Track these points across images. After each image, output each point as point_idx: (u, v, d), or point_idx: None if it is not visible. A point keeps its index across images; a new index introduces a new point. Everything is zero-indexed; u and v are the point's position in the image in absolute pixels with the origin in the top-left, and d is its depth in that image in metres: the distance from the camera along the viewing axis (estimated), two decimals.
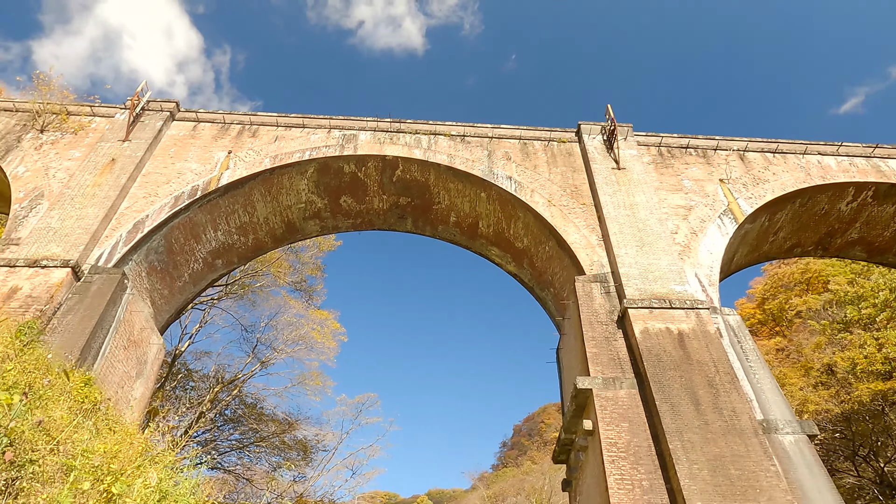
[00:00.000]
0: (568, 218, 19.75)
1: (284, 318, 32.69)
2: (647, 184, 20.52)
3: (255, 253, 23.82)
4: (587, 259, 18.51)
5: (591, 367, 15.35)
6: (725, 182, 21.20)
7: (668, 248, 18.30)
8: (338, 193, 23.10)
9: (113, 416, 11.32)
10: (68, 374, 10.56)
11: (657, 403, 13.88)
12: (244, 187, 21.17)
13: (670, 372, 14.62)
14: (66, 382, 10.13)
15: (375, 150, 21.95)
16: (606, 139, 22.28)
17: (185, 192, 20.01)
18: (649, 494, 12.72)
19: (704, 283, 17.81)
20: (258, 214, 22.35)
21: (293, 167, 21.59)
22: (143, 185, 20.34)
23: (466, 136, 22.60)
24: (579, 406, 15.32)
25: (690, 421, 13.56)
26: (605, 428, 13.89)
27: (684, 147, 22.66)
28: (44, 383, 8.56)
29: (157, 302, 19.99)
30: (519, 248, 21.95)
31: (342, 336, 36.15)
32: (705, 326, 15.91)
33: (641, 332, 15.66)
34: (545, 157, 22.10)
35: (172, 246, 20.03)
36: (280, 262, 31.17)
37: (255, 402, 33.75)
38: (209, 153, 21.63)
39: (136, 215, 19.18)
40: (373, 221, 24.53)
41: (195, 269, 21.41)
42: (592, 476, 14.43)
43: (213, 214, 20.88)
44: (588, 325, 16.42)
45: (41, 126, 22.22)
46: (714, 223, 19.68)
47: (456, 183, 21.99)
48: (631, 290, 16.91)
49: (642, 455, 13.47)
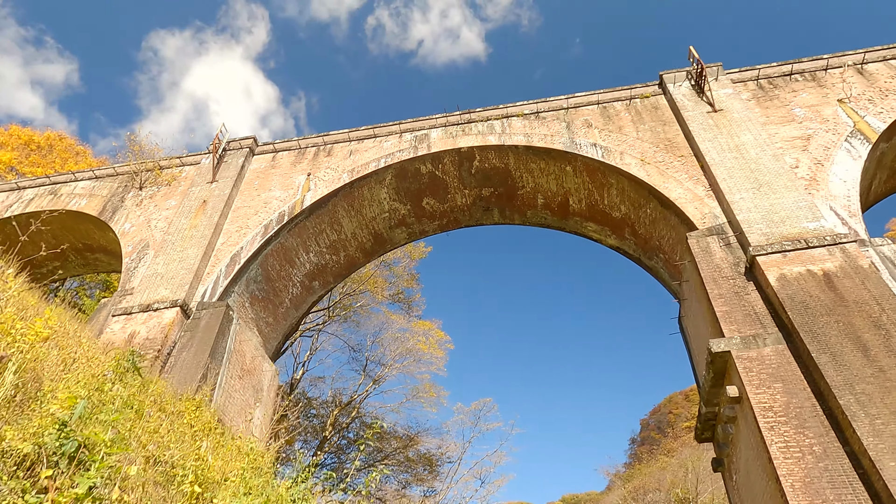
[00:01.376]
0: (666, 174, 17.98)
1: (389, 334, 32.76)
2: (752, 121, 18.30)
3: (349, 270, 23.85)
4: (697, 213, 16.65)
5: (724, 326, 13.55)
6: (845, 101, 18.49)
7: (791, 183, 16.06)
8: (419, 196, 22.66)
9: (237, 440, 11.21)
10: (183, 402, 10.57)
11: (814, 356, 11.90)
12: (327, 206, 21.23)
13: (822, 318, 12.55)
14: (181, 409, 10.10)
15: (449, 144, 21.31)
16: (695, 83, 20.24)
17: (272, 220, 20.35)
18: (825, 461, 10.79)
19: (843, 214, 15.39)
20: (345, 230, 22.35)
21: (371, 177, 21.41)
22: (234, 219, 20.95)
23: (540, 112, 21.42)
24: (717, 373, 13.53)
25: (860, 370, 11.47)
26: (754, 392, 12.08)
27: (787, 74, 20.11)
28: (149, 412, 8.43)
29: (263, 330, 20.37)
30: (617, 217, 20.34)
31: (448, 344, 35.70)
32: (856, 262, 13.61)
33: (777, 279, 13.66)
34: (629, 116, 20.42)
35: (269, 273, 20.39)
36: (375, 279, 31.32)
37: (374, 422, 33.95)
38: (290, 179, 21.97)
39: (232, 249, 19.70)
40: (458, 219, 23.84)
41: (294, 293, 21.69)
42: (749, 448, 12.60)
43: (302, 237, 21.09)
44: (712, 283, 14.60)
45: (139, 184, 23.64)
46: (841, 148, 17.12)
47: (537, 162, 20.82)
48: (755, 237, 14.91)
49: (806, 417, 11.54)
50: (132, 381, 9.26)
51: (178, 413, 9.66)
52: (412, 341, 32.81)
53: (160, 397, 10.17)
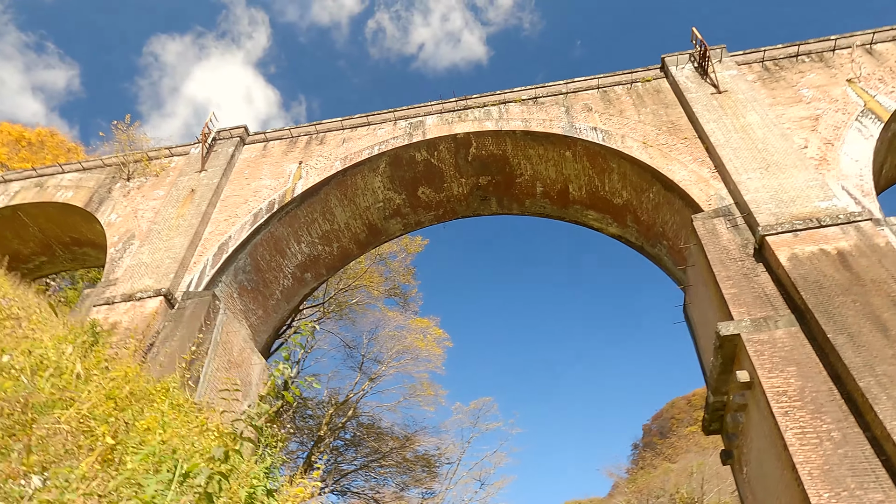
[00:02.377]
0: (669, 156, 17.30)
1: (386, 332, 32.01)
2: (758, 101, 17.65)
3: (343, 261, 23.15)
4: (702, 195, 15.96)
5: (734, 309, 12.84)
6: (855, 81, 17.82)
7: (801, 163, 15.38)
8: (414, 185, 21.99)
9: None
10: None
11: (830, 337, 11.17)
12: (319, 194, 20.56)
13: (838, 298, 11.84)
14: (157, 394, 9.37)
15: (444, 131, 20.65)
16: (698, 65, 19.58)
17: (262, 208, 19.68)
18: (844, 447, 10.05)
19: (856, 194, 14.69)
20: (338, 221, 21.67)
21: (364, 165, 20.75)
22: (222, 209, 20.28)
23: (538, 97, 20.76)
24: (726, 358, 12.81)
25: (880, 351, 10.74)
26: (766, 376, 11.35)
27: (793, 56, 19.45)
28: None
29: (253, 322, 19.66)
30: (618, 204, 19.65)
31: (447, 342, 34.90)
32: (872, 240, 12.90)
33: (789, 258, 12.95)
34: (630, 100, 19.76)
35: (259, 264, 19.70)
36: (371, 275, 30.59)
37: (372, 422, 33.12)
38: (281, 167, 21.32)
39: (220, 238, 19.02)
40: (455, 209, 23.16)
41: (285, 285, 20.99)
42: (761, 437, 11.85)
43: (293, 226, 20.41)
44: (719, 265, 13.89)
45: (127, 175, 22.98)
46: (852, 127, 16.44)
47: (536, 148, 20.16)
48: (764, 217, 14.21)
49: (823, 401, 10.80)
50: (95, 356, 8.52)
51: (148, 397, 8.95)
52: (409, 339, 32.07)
53: (127, 374, 9.46)
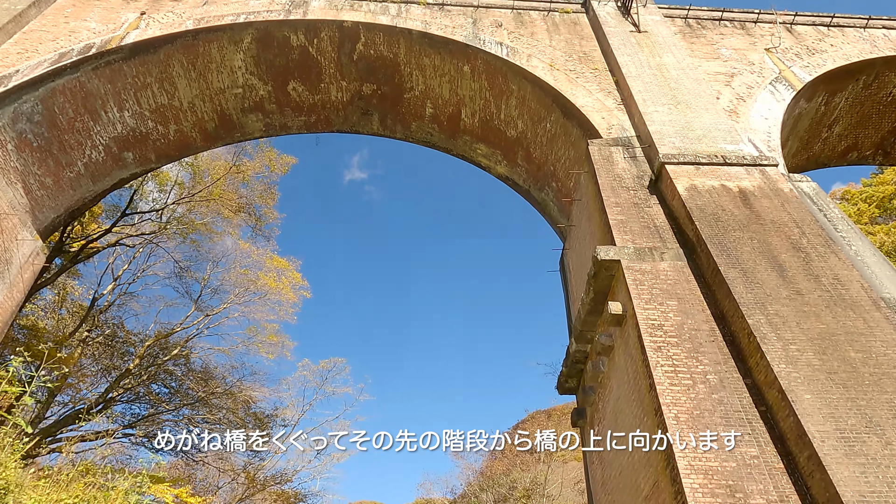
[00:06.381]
0: (576, 82, 15.18)
1: (235, 266, 27.73)
2: (676, 46, 16.08)
3: (180, 151, 18.95)
4: (603, 123, 13.92)
5: (618, 236, 10.72)
6: (773, 51, 16.77)
7: (712, 107, 13.80)
8: (285, 77, 18.36)
9: None
10: None
11: (722, 270, 9.26)
12: (158, 54, 16.40)
13: (735, 233, 10.03)
14: None
15: (330, 15, 17.26)
16: (621, 4, 17.79)
17: (74, 49, 15.24)
18: (720, 392, 8.06)
19: (762, 148, 13.26)
20: (180, 96, 17.55)
21: (223, 32, 16.85)
22: (20, 41, 15.56)
23: (446, 4, 18.00)
24: (599, 291, 10.65)
25: (775, 290, 8.95)
26: (643, 307, 9.23)
27: (717, 19, 18.26)
28: None
29: (33, 190, 15.12)
30: (511, 137, 17.33)
31: (305, 292, 31.13)
32: (776, 184, 11.35)
33: (687, 188, 11.08)
34: (545, 25, 17.56)
35: (56, 119, 15.21)
36: (225, 191, 26.09)
37: (204, 367, 28.63)
38: (116, 14, 16.88)
39: (3, 70, 14.38)
40: (330, 119, 19.80)
41: (94, 157, 16.57)
42: (625, 382, 9.74)
43: (115, 85, 16.09)
44: (609, 191, 11.79)
45: None
46: (765, 89, 15.23)
47: (432, 57, 17.36)
48: (667, 148, 12.35)
49: (703, 341, 8.83)
50: None
51: None
52: (263, 279, 28.05)
53: None
